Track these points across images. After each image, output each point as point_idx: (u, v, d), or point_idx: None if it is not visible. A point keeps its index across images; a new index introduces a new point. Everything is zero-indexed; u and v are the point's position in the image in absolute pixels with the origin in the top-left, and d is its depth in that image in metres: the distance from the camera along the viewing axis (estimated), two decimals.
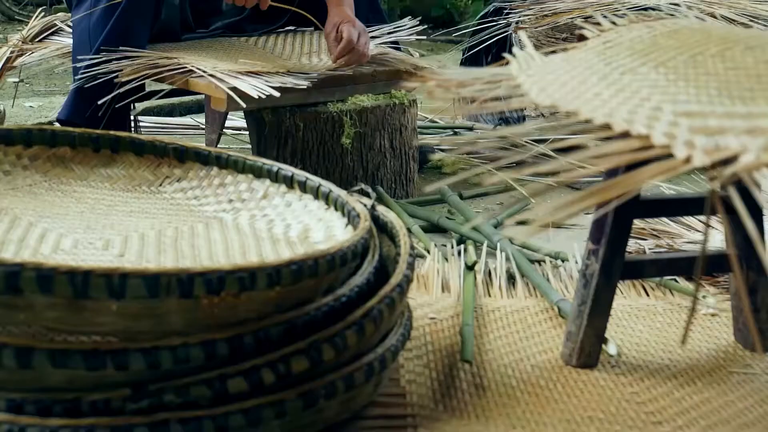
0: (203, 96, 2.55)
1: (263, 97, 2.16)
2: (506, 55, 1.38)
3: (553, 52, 2.73)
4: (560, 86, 1.17)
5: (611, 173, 1.36)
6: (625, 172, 0.93)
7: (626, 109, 1.05)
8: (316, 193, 1.60)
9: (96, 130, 1.74)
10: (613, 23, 1.50)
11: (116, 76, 2.27)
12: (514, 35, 2.92)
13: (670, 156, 0.92)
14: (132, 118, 2.77)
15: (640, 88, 1.12)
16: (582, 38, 1.48)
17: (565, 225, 2.30)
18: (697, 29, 1.38)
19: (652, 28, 1.42)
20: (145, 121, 3.39)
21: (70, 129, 1.74)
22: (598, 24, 1.50)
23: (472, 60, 3.21)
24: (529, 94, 1.15)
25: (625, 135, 0.99)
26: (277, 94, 2.17)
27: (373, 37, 2.65)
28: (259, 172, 1.68)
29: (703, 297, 1.82)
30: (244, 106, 2.19)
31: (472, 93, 1.16)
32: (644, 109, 1.04)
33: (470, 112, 1.10)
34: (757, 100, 1.04)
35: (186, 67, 2.31)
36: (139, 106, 3.23)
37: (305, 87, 2.28)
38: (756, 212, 1.48)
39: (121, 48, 2.31)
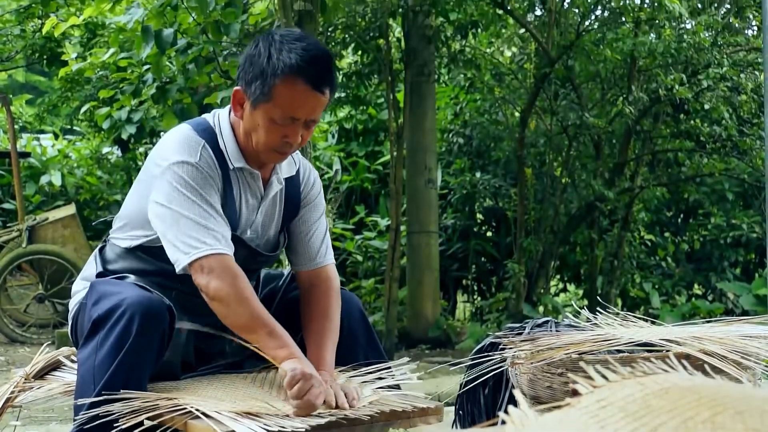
0: None
1: None
2: (501, 414, 1.40)
3: (549, 387, 2.76)
4: None
5: None
6: None
7: None
8: None
9: None
10: (605, 377, 1.53)
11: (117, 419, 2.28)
12: (510, 369, 2.96)
13: None
14: None
15: None
16: (575, 392, 1.51)
17: None
18: (687, 388, 1.42)
19: (644, 385, 1.45)
20: None
21: None
22: (590, 378, 1.54)
23: (469, 394, 3.24)
24: None
25: None
26: None
27: (375, 379, 2.69)
28: None
29: None
30: None
31: None
32: None
33: None
34: None
35: (185, 408, 2.32)
36: None
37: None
38: None
39: (122, 390, 2.33)
